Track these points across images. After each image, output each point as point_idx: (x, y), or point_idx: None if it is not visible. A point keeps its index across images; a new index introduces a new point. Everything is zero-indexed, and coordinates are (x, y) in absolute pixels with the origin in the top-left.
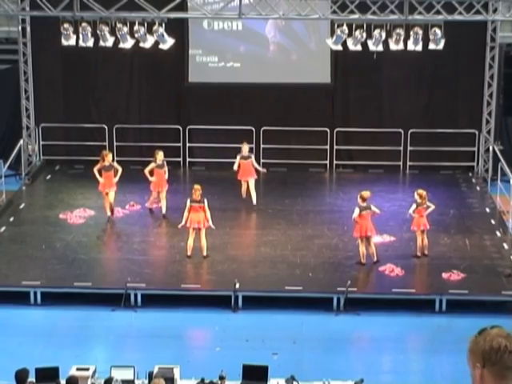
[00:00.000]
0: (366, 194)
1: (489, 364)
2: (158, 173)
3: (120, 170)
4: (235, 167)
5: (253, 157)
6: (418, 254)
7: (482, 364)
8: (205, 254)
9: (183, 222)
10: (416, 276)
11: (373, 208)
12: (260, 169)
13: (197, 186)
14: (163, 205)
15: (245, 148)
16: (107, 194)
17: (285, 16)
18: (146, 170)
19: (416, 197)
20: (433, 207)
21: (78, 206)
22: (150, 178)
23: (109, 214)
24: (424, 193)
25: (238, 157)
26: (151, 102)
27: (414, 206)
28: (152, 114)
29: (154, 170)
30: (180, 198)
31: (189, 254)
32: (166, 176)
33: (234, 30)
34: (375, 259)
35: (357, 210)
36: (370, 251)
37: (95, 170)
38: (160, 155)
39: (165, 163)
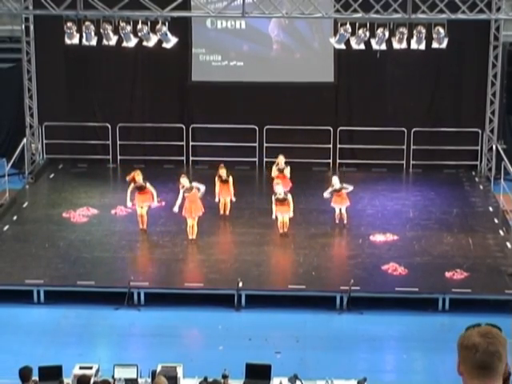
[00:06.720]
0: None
1: (462, 360)
2: (221, 187)
3: (155, 193)
4: (273, 174)
5: (288, 169)
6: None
7: (459, 359)
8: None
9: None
10: (419, 275)
11: None
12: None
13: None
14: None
15: (281, 160)
16: (142, 207)
17: (288, 15)
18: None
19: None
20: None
21: (81, 205)
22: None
23: (141, 226)
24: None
25: (275, 167)
26: (154, 101)
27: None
28: (155, 113)
29: (219, 185)
30: None
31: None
32: (232, 189)
33: (238, 28)
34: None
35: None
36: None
37: (129, 192)
38: (222, 171)
39: (229, 179)
